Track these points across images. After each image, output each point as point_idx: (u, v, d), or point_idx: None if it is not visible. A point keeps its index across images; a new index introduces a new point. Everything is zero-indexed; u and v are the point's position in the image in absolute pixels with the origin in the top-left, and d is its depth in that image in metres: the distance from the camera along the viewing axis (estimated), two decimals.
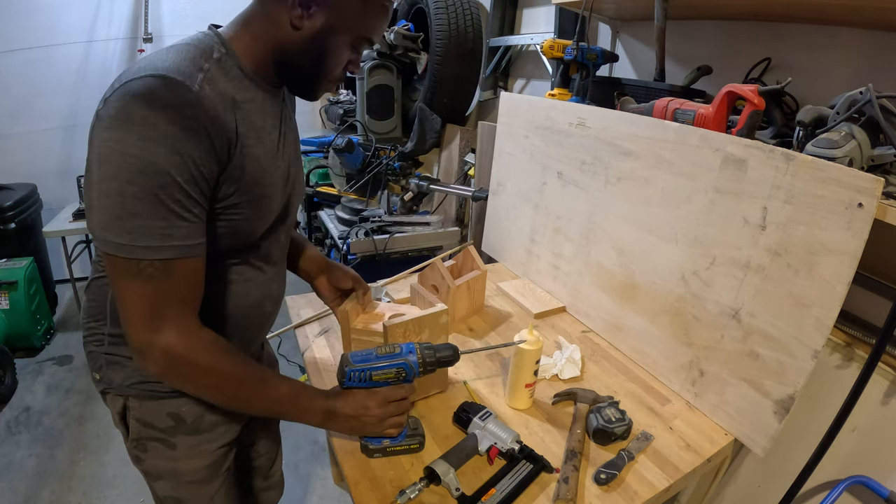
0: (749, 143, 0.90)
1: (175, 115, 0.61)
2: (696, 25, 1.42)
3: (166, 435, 0.85)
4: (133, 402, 0.84)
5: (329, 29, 0.72)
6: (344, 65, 0.78)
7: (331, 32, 0.72)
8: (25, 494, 1.79)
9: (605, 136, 1.20)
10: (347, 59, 0.78)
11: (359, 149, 1.96)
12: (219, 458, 0.92)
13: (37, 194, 2.98)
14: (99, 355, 0.83)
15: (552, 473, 0.84)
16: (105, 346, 0.82)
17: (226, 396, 0.76)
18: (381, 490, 0.80)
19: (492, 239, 1.75)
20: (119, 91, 0.62)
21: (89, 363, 0.86)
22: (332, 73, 0.78)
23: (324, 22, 0.71)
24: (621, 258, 1.20)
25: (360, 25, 0.74)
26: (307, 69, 0.77)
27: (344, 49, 0.75)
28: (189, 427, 0.86)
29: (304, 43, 0.72)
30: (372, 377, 0.81)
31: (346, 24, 0.72)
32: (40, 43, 2.99)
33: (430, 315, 0.96)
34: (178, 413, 0.84)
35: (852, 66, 1.12)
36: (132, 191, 0.61)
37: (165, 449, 0.86)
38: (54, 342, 2.77)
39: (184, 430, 0.86)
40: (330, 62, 0.76)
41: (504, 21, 2.26)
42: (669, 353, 1.09)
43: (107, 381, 0.84)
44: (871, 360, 0.90)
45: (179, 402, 0.84)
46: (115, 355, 0.82)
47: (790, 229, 0.84)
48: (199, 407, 0.85)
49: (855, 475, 1.01)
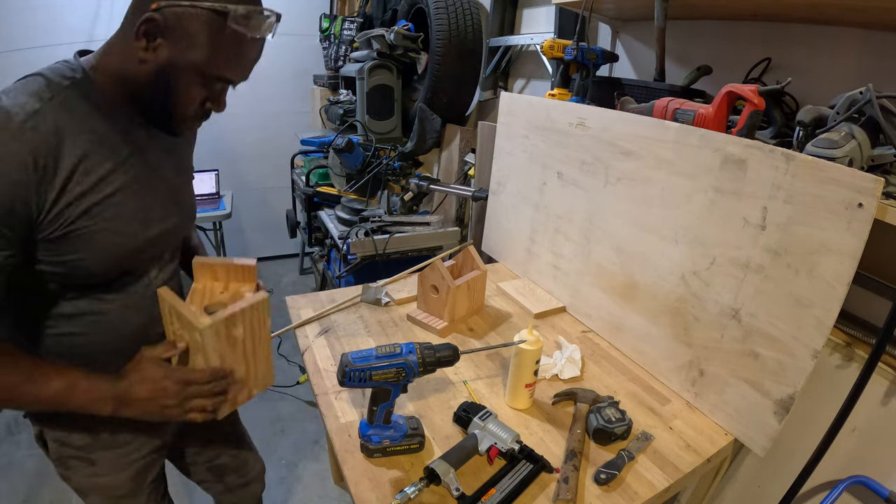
0: (749, 143, 0.90)
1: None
2: (696, 25, 1.42)
3: (84, 452, 0.85)
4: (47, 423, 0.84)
5: (173, 64, 0.68)
6: (199, 102, 0.74)
7: (175, 68, 0.68)
8: (25, 494, 1.79)
9: (605, 136, 1.20)
10: (202, 96, 0.73)
11: (359, 149, 1.96)
12: (141, 470, 0.92)
13: None
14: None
15: (552, 473, 0.84)
16: None
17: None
18: (381, 490, 0.80)
19: (492, 239, 1.75)
20: None
21: None
22: (183, 110, 0.74)
23: (167, 56, 0.67)
24: (621, 258, 1.20)
25: (208, 62, 0.69)
26: (156, 104, 0.73)
27: (194, 87, 0.71)
28: (105, 442, 0.85)
29: (149, 76, 0.69)
30: (372, 377, 0.81)
31: (191, 59, 0.68)
32: (40, 43, 2.98)
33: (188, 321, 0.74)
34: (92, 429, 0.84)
35: (852, 66, 1.12)
36: None
37: (87, 466, 0.86)
38: None
39: (101, 445, 0.85)
40: (178, 99, 0.72)
41: (504, 21, 2.25)
42: (669, 353, 1.09)
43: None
44: (871, 360, 0.90)
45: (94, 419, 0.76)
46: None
47: (790, 229, 0.84)
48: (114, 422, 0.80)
49: (855, 475, 1.01)
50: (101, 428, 0.84)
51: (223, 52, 0.69)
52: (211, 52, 0.68)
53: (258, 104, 3.48)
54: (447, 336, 1.25)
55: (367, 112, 2.48)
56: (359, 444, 0.88)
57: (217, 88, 0.74)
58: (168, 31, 0.66)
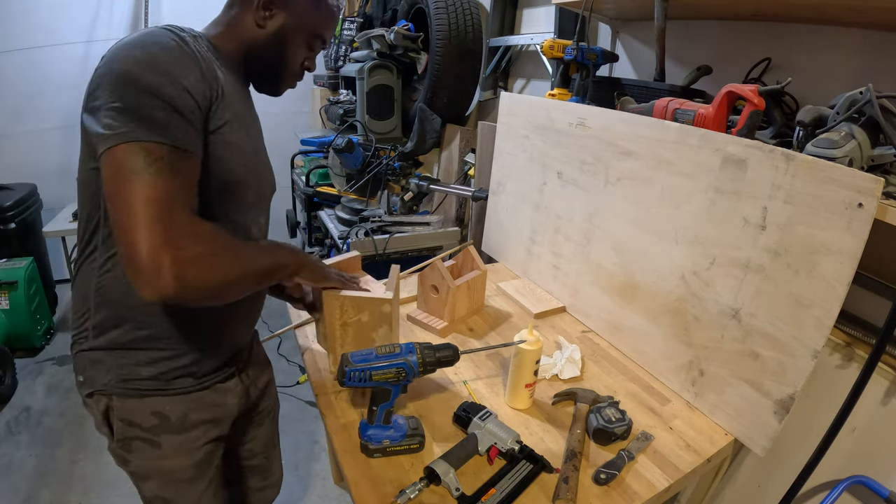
0: (749, 143, 0.90)
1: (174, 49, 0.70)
2: (696, 25, 1.42)
3: (151, 434, 0.85)
4: (116, 402, 0.84)
5: (288, 27, 0.85)
6: (301, 60, 0.91)
7: (289, 30, 0.85)
8: (25, 494, 1.79)
9: (605, 136, 1.20)
10: (304, 55, 0.90)
11: (359, 149, 1.96)
12: (205, 457, 0.92)
13: (37, 194, 2.98)
14: (83, 355, 0.84)
15: (552, 473, 0.84)
16: (89, 340, 0.82)
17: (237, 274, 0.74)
18: (381, 490, 0.80)
19: (492, 239, 1.75)
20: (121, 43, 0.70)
21: (75, 368, 0.86)
22: (292, 66, 0.90)
23: (283, 21, 0.84)
24: (621, 258, 1.20)
25: (313, 24, 0.88)
26: (271, 63, 0.88)
27: (301, 46, 0.89)
28: (174, 425, 0.86)
29: (268, 39, 0.85)
30: (372, 377, 0.81)
31: (302, 22, 0.86)
32: (40, 43, 2.99)
33: (371, 299, 0.96)
34: (161, 412, 0.85)
35: (852, 66, 1.12)
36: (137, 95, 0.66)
37: (151, 448, 0.86)
38: (54, 342, 2.77)
39: (169, 428, 0.86)
40: (289, 56, 0.88)
41: (504, 21, 2.25)
42: (669, 353, 1.09)
43: (90, 381, 0.84)
44: (871, 360, 0.90)
45: (164, 400, 0.85)
46: (99, 349, 0.82)
47: (790, 229, 0.84)
48: (184, 405, 0.86)
49: (855, 475, 1.01)
50: (170, 412, 0.85)
51: (323, 16, 0.89)
52: (316, 16, 0.87)
53: (258, 104, 3.45)
54: (447, 336, 1.25)
55: (367, 112, 2.49)
56: (359, 444, 0.88)
57: (316, 48, 0.91)
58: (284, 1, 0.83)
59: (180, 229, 0.65)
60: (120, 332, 0.81)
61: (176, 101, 0.67)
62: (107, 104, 0.65)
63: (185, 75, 0.69)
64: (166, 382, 0.84)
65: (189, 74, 0.70)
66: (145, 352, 0.82)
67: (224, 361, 0.93)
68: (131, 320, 0.81)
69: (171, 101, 0.67)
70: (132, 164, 0.63)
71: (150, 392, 0.83)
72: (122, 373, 0.82)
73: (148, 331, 0.81)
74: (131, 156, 0.64)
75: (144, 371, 0.83)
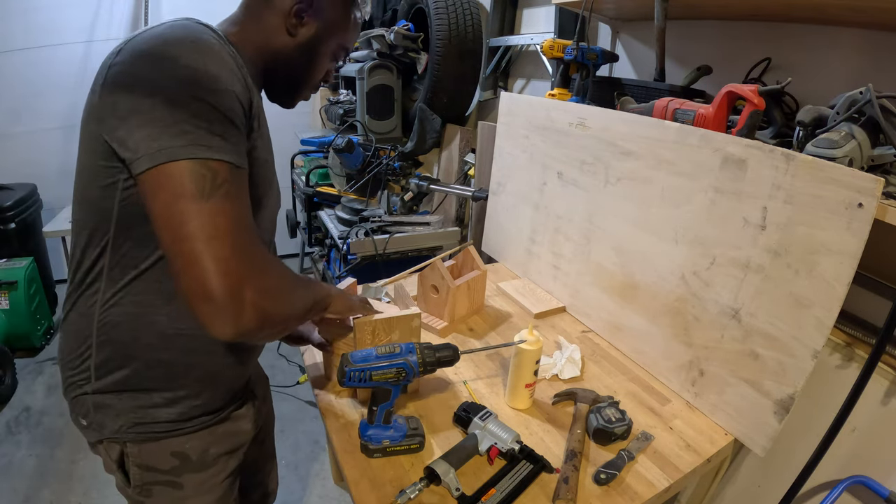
0: (749, 143, 0.90)
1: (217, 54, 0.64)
2: (696, 25, 1.42)
3: (172, 476, 0.80)
4: (132, 448, 0.77)
5: (319, 37, 0.80)
6: (323, 73, 0.87)
7: (320, 41, 0.80)
8: (25, 494, 1.79)
9: (605, 136, 1.20)
10: (327, 67, 0.86)
11: (359, 149, 1.96)
12: (226, 490, 0.88)
13: (37, 194, 2.97)
14: (85, 399, 0.76)
15: (552, 473, 0.84)
16: (91, 382, 0.74)
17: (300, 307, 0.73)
18: (381, 490, 0.80)
19: (492, 239, 1.75)
20: (149, 38, 0.62)
21: (73, 411, 0.79)
22: (314, 78, 0.86)
23: (315, 31, 0.79)
24: (621, 258, 1.20)
25: (342, 35, 0.83)
26: (297, 73, 0.83)
27: (327, 57, 0.84)
28: (195, 464, 0.81)
29: (298, 49, 0.79)
30: (372, 377, 0.81)
31: (332, 33, 0.81)
32: (40, 43, 2.99)
33: (401, 317, 0.95)
34: (182, 451, 0.79)
35: (852, 66, 1.12)
36: (190, 103, 0.58)
37: (172, 490, 0.81)
38: (54, 342, 2.76)
39: (190, 467, 0.80)
40: (315, 68, 0.84)
41: (504, 21, 2.25)
42: (669, 353, 1.09)
43: (97, 427, 0.76)
44: (871, 360, 0.90)
45: (183, 439, 0.79)
46: (105, 392, 0.74)
47: (790, 229, 0.84)
48: (204, 440, 0.81)
49: (855, 475, 1.01)
50: (191, 451, 0.80)
51: (352, 26, 0.85)
52: (346, 27, 0.83)
53: None
54: (447, 336, 1.25)
55: (367, 112, 2.49)
56: (359, 444, 0.88)
57: (340, 59, 0.88)
58: (317, 10, 0.77)
59: (258, 260, 0.60)
60: (127, 372, 0.74)
61: (231, 111, 0.61)
62: (146, 111, 0.57)
63: (233, 81, 0.63)
64: (186, 421, 0.78)
65: (235, 80, 0.63)
66: (160, 392, 0.75)
67: (240, 388, 0.90)
68: (140, 359, 0.73)
69: (227, 111, 0.60)
70: (195, 187, 0.56)
71: (167, 434, 0.77)
72: (136, 416, 0.75)
73: (162, 370, 0.75)
74: (193, 176, 0.56)
75: (162, 413, 0.76)
